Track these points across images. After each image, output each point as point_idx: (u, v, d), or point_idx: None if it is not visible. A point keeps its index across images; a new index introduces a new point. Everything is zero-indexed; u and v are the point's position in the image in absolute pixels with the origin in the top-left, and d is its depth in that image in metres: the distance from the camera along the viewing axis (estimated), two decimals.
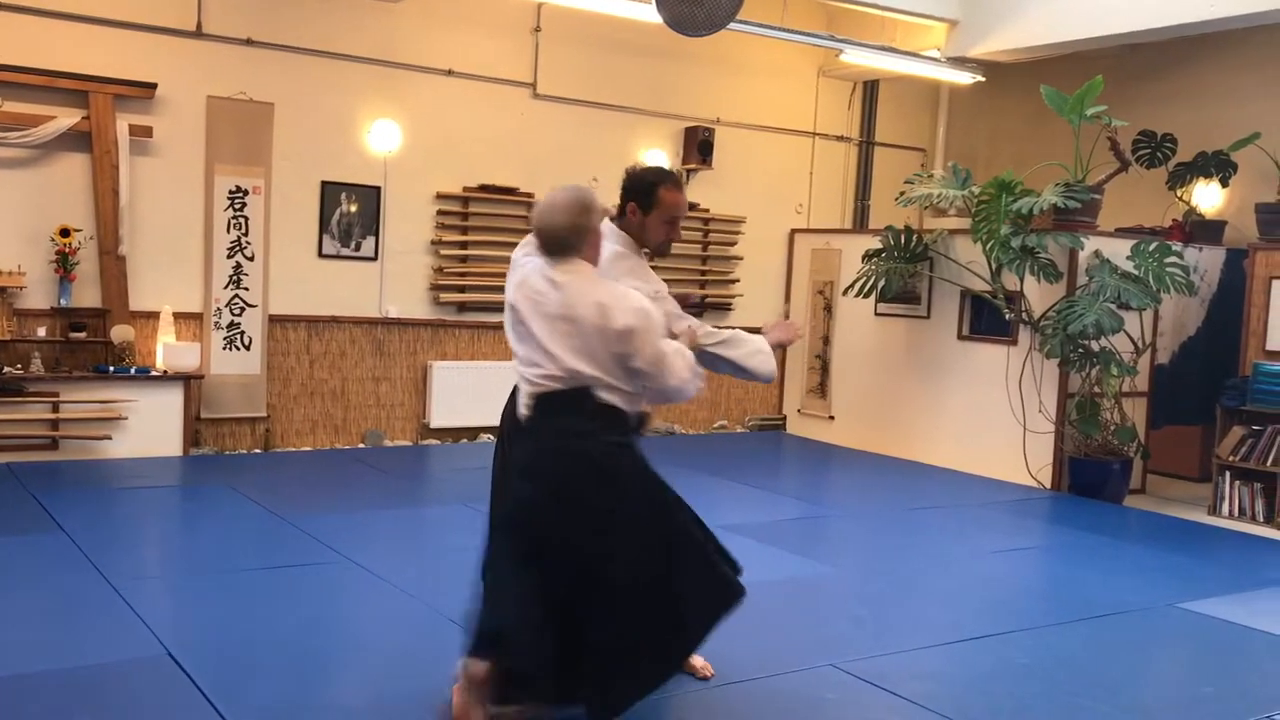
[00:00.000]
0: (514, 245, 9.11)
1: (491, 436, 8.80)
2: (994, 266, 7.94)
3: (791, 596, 5.13)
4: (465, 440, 8.67)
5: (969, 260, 8.29)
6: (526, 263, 3.46)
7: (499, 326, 9.05)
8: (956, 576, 5.67)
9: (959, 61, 9.10)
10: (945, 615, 4.99)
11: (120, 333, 7.20)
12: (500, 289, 9.23)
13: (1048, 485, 7.98)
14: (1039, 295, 7.95)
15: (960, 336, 8.61)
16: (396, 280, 8.37)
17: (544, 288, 3.29)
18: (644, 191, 3.60)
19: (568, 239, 3.28)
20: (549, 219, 3.30)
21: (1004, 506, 7.43)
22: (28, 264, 7.08)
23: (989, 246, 7.80)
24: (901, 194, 8.54)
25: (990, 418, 8.29)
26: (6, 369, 6.89)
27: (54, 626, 4.17)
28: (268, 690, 3.69)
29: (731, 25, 6.73)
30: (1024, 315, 7.99)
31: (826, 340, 9.79)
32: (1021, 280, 7.86)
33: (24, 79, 6.98)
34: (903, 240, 8.63)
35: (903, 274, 8.61)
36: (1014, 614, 5.05)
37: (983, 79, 9.35)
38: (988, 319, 8.38)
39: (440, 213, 8.55)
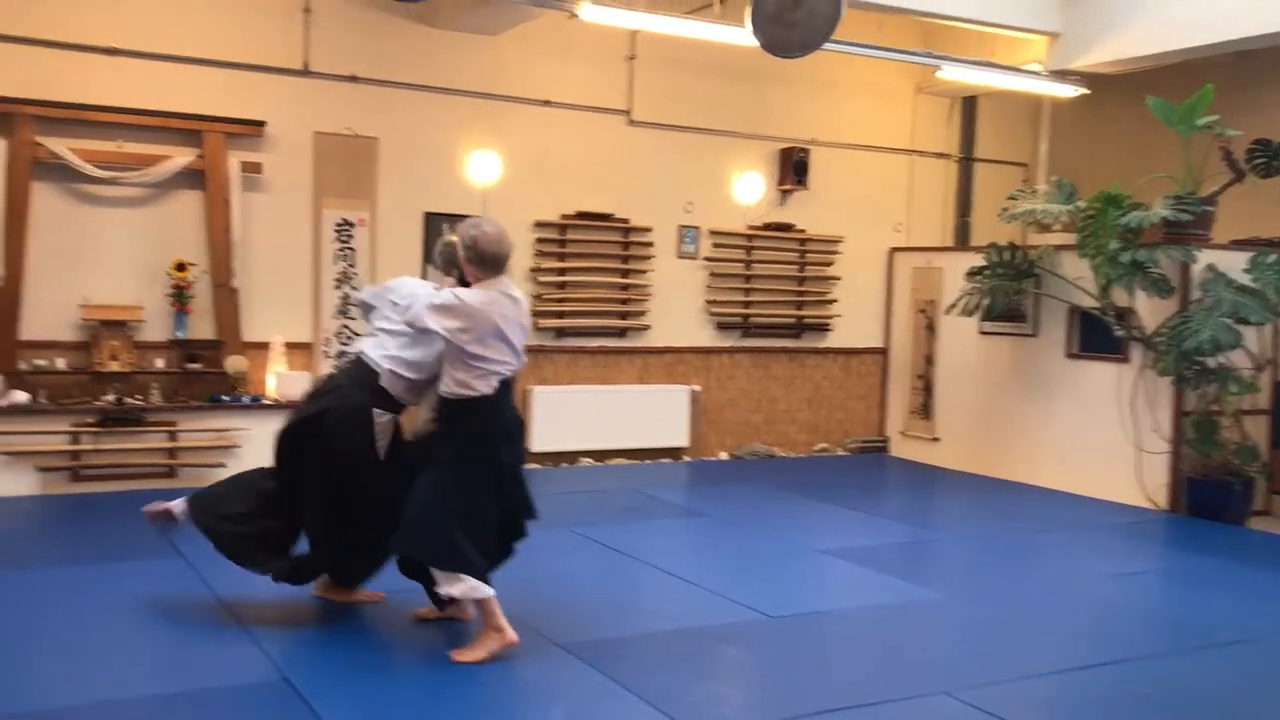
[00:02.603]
0: (610, 270, 9.23)
1: (593, 460, 8.85)
2: (1103, 282, 7.73)
3: (899, 622, 5.04)
4: (565, 465, 8.72)
5: (1076, 276, 8.09)
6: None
7: (597, 351, 9.16)
8: (1071, 602, 5.50)
9: (1061, 74, 8.90)
10: (1060, 642, 4.85)
11: (234, 363, 7.42)
12: (598, 313, 9.31)
13: (1164, 506, 7.71)
14: (1151, 311, 7.71)
15: (1069, 354, 8.39)
16: None
17: (510, 306, 4.33)
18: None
19: (508, 260, 4.35)
20: (504, 246, 4.34)
21: (1118, 529, 7.20)
22: (146, 298, 7.36)
23: (1097, 262, 7.60)
24: (1004, 210, 8.38)
25: (1102, 438, 8.05)
26: (127, 400, 7.16)
27: (175, 650, 4.30)
28: (381, 714, 3.75)
29: (827, 45, 6.70)
30: (1135, 332, 7.76)
31: (929, 360, 9.63)
32: (1132, 296, 7.64)
33: (142, 120, 7.28)
34: (1007, 257, 8.46)
35: (1007, 291, 8.44)
36: (1133, 641, 4.88)
37: (1086, 91, 9.13)
38: (1097, 336, 8.16)
39: (539, 240, 8.65)
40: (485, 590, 4.26)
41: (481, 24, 8.05)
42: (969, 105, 10.38)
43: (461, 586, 4.23)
